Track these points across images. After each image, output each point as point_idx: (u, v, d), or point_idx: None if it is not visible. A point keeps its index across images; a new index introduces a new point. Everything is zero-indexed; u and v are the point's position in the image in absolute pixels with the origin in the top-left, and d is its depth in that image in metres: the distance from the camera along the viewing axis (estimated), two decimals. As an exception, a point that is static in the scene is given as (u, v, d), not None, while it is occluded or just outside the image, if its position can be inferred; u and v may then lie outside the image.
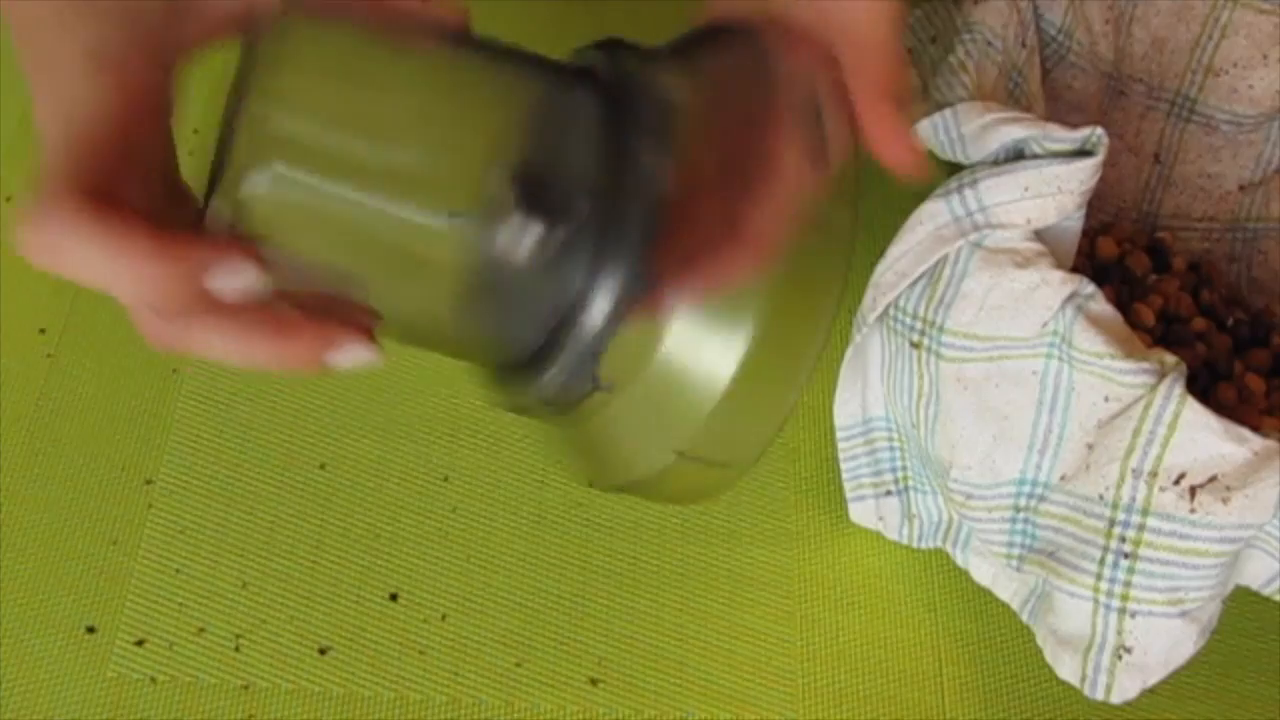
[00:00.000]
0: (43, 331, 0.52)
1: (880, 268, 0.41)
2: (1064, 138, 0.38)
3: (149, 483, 0.48)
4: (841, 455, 0.46)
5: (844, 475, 0.46)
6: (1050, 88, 0.49)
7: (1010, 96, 0.44)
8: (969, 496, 0.41)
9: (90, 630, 0.45)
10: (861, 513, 0.47)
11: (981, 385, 0.39)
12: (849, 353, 0.44)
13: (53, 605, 0.45)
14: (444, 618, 0.46)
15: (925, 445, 0.42)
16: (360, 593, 0.46)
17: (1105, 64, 0.50)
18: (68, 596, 0.45)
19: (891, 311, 0.41)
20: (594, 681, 0.44)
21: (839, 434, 0.46)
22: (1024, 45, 0.45)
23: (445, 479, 0.49)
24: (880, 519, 0.46)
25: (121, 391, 0.50)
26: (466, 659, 0.45)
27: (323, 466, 0.49)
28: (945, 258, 0.39)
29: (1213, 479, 0.35)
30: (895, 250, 0.40)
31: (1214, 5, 0.48)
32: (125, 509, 0.47)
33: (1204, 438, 0.35)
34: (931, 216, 0.39)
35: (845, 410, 0.46)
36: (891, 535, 0.47)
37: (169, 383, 0.50)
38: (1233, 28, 0.48)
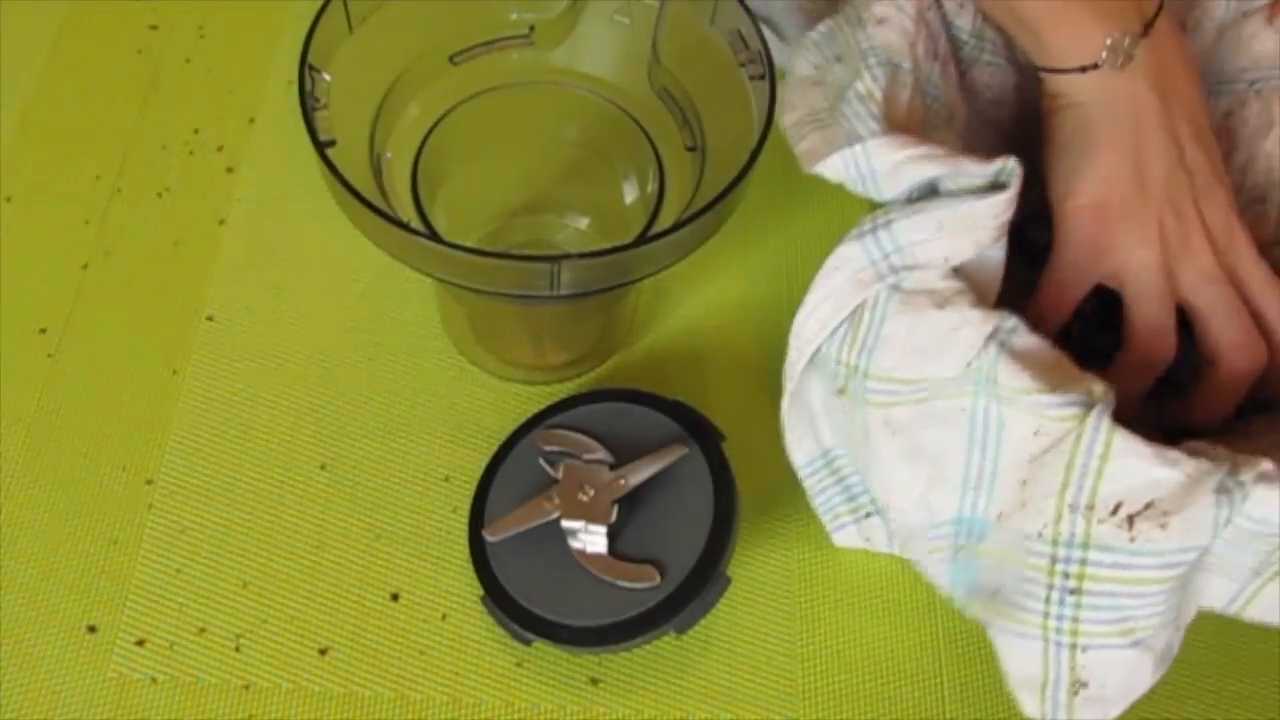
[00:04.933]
0: (43, 331, 0.52)
1: (800, 316, 0.40)
2: (977, 173, 0.37)
3: (149, 483, 0.48)
4: (810, 491, 0.46)
5: (819, 510, 0.46)
6: (969, 86, 0.48)
7: (929, 111, 0.43)
8: (909, 538, 0.40)
9: (91, 630, 0.45)
10: (845, 539, 0.46)
11: (910, 427, 0.39)
12: (785, 402, 0.43)
13: (53, 605, 0.45)
14: (444, 618, 0.46)
15: (867, 484, 0.42)
16: (360, 593, 0.46)
17: (1021, 55, 0.49)
18: (68, 596, 0.45)
19: (817, 358, 0.41)
20: (594, 681, 0.44)
21: (800, 471, 0.45)
22: (935, 58, 0.44)
23: (445, 479, 0.49)
24: (866, 540, 0.46)
25: (121, 391, 0.50)
26: (467, 659, 0.45)
27: (323, 466, 0.49)
28: (864, 302, 0.38)
29: (1149, 505, 0.34)
30: (813, 297, 0.39)
31: None
32: (125, 509, 0.47)
33: (1136, 465, 0.34)
34: (847, 260, 0.38)
35: (800, 449, 0.45)
36: (881, 549, 0.46)
37: (169, 383, 0.51)
38: None
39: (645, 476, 0.43)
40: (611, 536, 0.43)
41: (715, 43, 0.43)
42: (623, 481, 0.43)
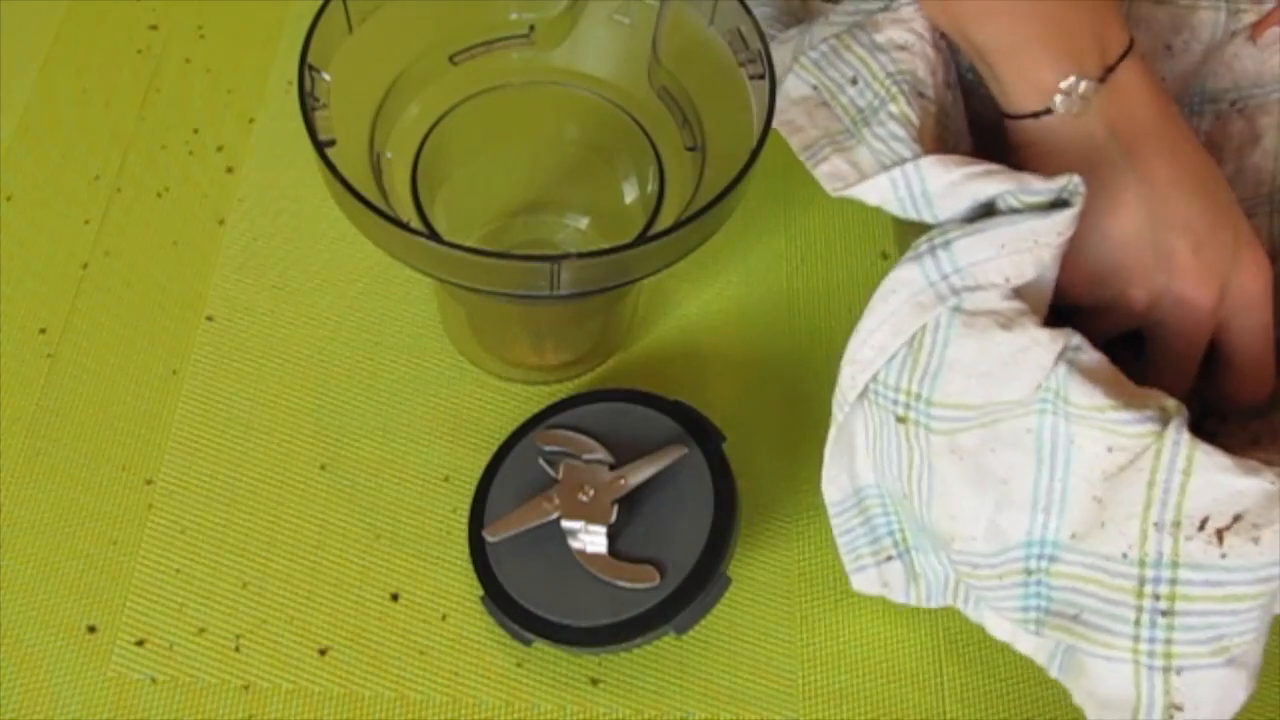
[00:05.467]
0: (43, 331, 0.52)
1: (855, 342, 0.38)
2: (1041, 189, 0.36)
3: (149, 483, 0.48)
4: (836, 530, 0.44)
5: (841, 549, 0.44)
6: (970, 114, 0.48)
7: (940, 140, 0.43)
8: (975, 567, 0.39)
9: (90, 630, 0.45)
10: (863, 582, 0.44)
11: (977, 453, 0.37)
12: (832, 433, 0.41)
13: (53, 605, 0.45)
14: (444, 618, 0.46)
15: (921, 516, 0.40)
16: (360, 593, 0.46)
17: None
18: (68, 596, 0.45)
19: (872, 385, 0.39)
20: (594, 681, 0.44)
21: (831, 509, 0.44)
22: (949, 86, 0.44)
23: (445, 479, 0.49)
24: (885, 585, 0.44)
25: (121, 391, 0.50)
26: (467, 659, 0.45)
27: (323, 467, 0.49)
28: (924, 326, 0.37)
29: (1237, 518, 0.34)
30: (869, 322, 0.38)
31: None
32: (125, 509, 0.47)
33: (1220, 477, 0.34)
34: (905, 284, 0.37)
35: (834, 486, 0.43)
36: (898, 598, 0.44)
37: (169, 383, 0.51)
38: (1132, 22, 0.47)
39: (645, 476, 0.43)
40: (611, 536, 0.43)
41: (715, 43, 0.43)
42: (623, 481, 0.43)
